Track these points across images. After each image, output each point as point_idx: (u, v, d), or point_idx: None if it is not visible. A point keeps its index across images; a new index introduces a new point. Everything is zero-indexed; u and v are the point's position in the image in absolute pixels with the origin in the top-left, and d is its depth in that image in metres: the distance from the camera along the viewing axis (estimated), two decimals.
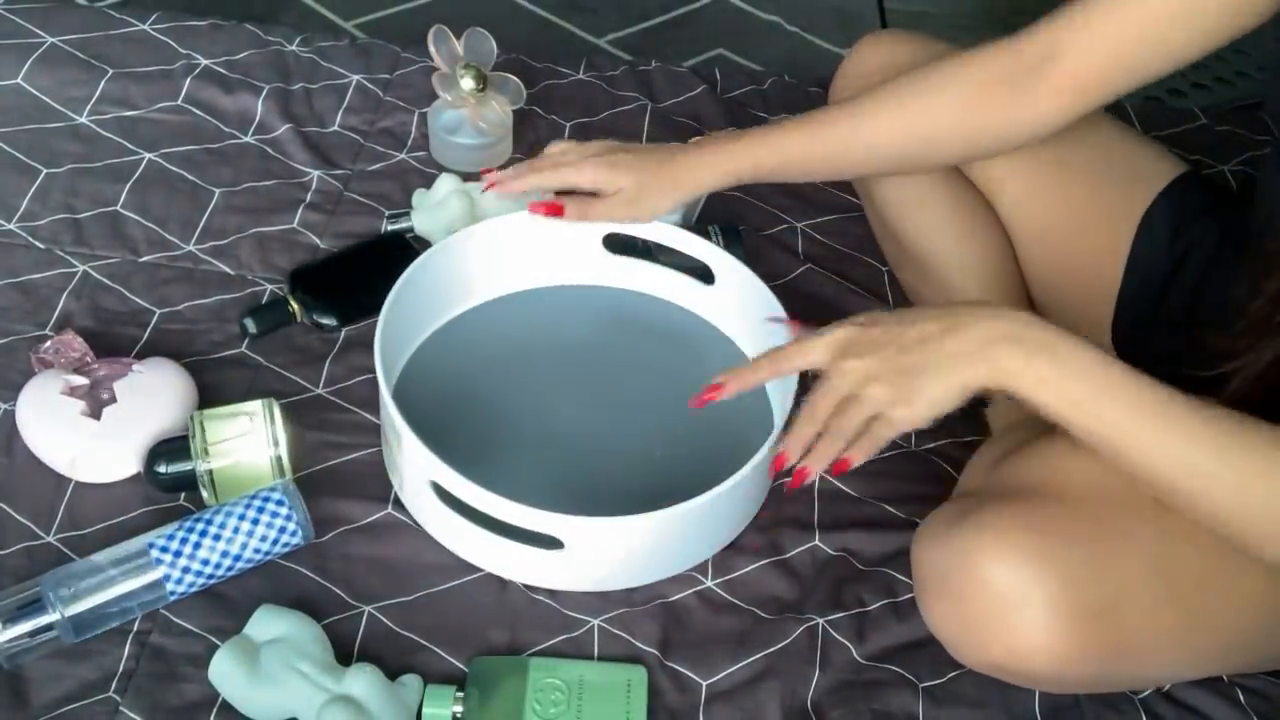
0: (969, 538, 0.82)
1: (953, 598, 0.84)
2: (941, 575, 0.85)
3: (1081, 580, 0.80)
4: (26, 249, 1.22)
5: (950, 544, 0.84)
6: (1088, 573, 0.80)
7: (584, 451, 1.07)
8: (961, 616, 0.84)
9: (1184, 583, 0.83)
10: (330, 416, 1.10)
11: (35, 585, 0.90)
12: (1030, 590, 0.79)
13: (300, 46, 1.48)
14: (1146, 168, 1.09)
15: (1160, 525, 0.83)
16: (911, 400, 0.81)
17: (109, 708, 0.89)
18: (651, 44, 1.78)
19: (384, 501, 1.03)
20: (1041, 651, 0.81)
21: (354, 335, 1.16)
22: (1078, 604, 0.80)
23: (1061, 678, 0.85)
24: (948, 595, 0.85)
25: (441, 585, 0.98)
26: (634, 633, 0.96)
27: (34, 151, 1.31)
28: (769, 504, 1.06)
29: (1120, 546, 0.82)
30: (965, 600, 0.83)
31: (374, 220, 1.28)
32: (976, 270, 1.15)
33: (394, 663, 0.92)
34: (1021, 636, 0.81)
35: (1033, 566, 0.80)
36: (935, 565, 0.86)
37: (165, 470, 1.00)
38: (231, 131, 1.37)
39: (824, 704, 0.93)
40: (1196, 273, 1.05)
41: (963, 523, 0.83)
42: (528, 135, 1.40)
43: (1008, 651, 0.82)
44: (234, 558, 0.94)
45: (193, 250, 1.23)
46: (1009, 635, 0.81)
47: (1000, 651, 0.82)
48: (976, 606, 0.82)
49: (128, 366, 1.06)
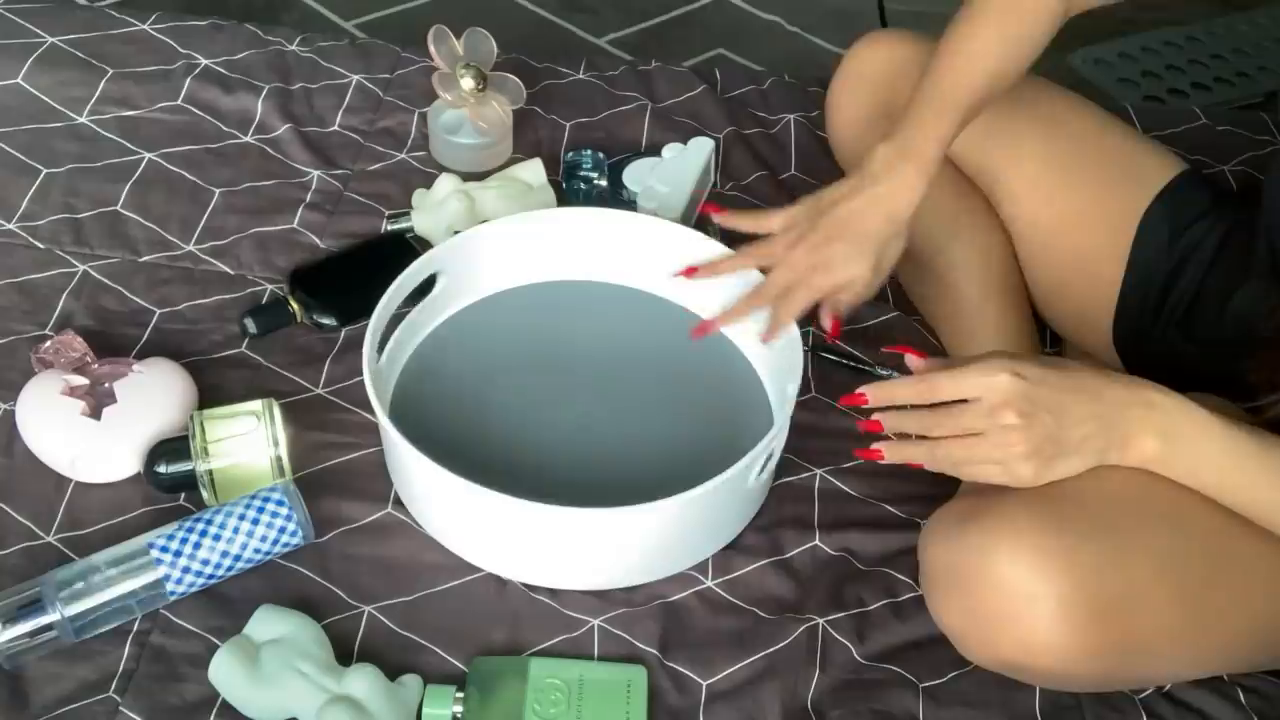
0: (982, 535, 0.82)
1: (963, 594, 0.84)
2: (952, 572, 0.85)
3: (1092, 578, 0.80)
4: (26, 249, 1.22)
5: (962, 541, 0.84)
6: (1098, 571, 0.80)
7: (582, 451, 1.07)
8: (972, 613, 0.84)
9: (1193, 582, 0.83)
10: (330, 416, 1.10)
11: (35, 585, 0.90)
12: (1042, 588, 0.79)
13: (300, 46, 1.48)
14: (1146, 167, 1.09)
15: (1170, 525, 0.84)
16: (1042, 476, 0.84)
17: (109, 708, 0.89)
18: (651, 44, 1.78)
19: (384, 501, 1.03)
20: (1052, 649, 0.81)
21: (354, 335, 1.16)
22: (1088, 602, 0.80)
23: (1070, 675, 0.85)
24: (958, 591, 0.85)
25: (441, 585, 0.98)
26: (634, 633, 0.96)
27: (34, 151, 1.31)
28: (769, 504, 1.06)
29: (1130, 545, 0.82)
30: (976, 597, 0.83)
31: (374, 220, 1.28)
32: (977, 271, 1.15)
33: (394, 663, 0.92)
34: (1032, 633, 0.81)
35: (1045, 564, 0.80)
36: (945, 562, 0.86)
37: (165, 470, 1.00)
38: (231, 131, 1.37)
39: (824, 704, 0.93)
40: (1197, 274, 1.05)
41: (975, 519, 0.84)
42: (528, 135, 1.40)
43: (1018, 648, 0.82)
44: (234, 558, 0.94)
45: (193, 250, 1.23)
46: (1020, 632, 0.81)
47: (1011, 648, 0.82)
48: (988, 603, 0.82)
49: (128, 366, 1.06)
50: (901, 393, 0.87)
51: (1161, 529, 0.84)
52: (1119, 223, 1.08)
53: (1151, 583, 0.82)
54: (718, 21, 1.86)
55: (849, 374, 1.17)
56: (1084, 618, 0.80)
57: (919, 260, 1.18)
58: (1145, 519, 0.84)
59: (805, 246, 1.01)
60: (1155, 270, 1.06)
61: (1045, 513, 0.82)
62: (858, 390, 0.88)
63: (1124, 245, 1.07)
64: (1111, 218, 1.08)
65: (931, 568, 0.89)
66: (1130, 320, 1.08)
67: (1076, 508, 0.83)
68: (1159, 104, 1.84)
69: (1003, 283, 1.15)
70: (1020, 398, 0.82)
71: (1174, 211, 1.06)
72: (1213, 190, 1.09)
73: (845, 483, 1.08)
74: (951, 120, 1.00)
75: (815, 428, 1.12)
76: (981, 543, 0.82)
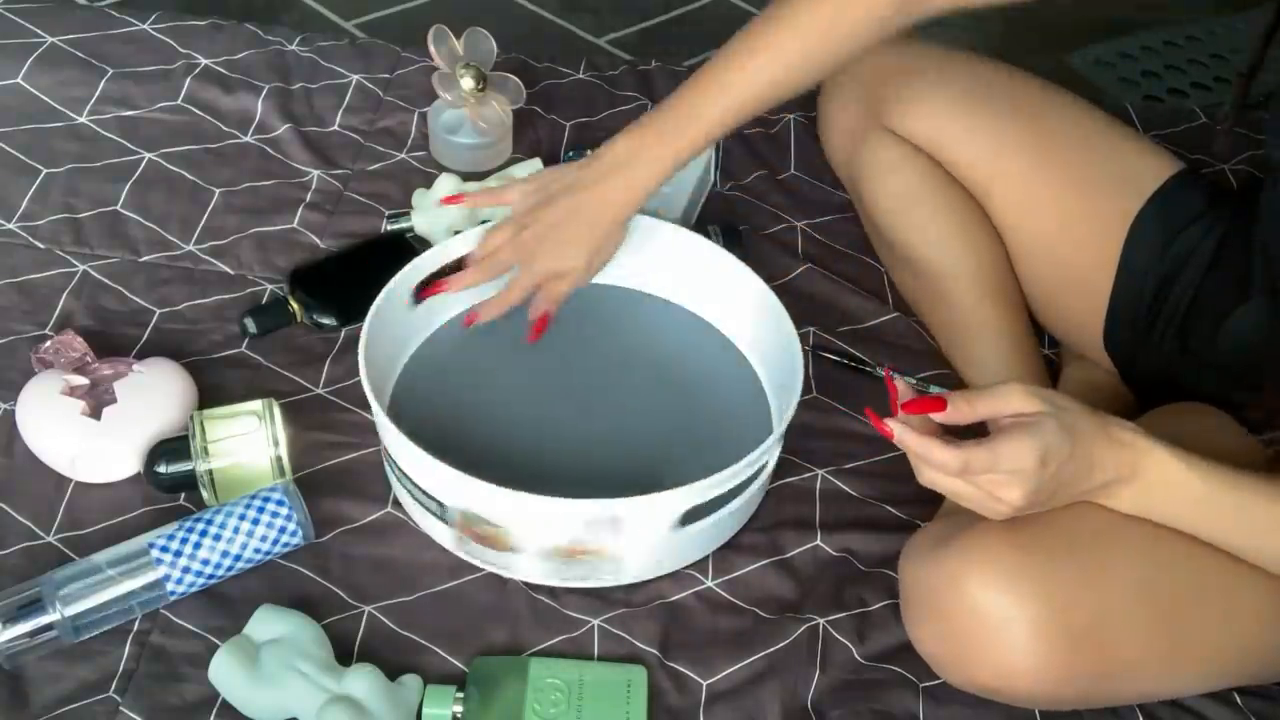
0: (956, 559, 0.83)
1: (938, 618, 0.85)
2: (927, 596, 0.86)
3: (1065, 602, 0.80)
4: (26, 249, 1.22)
5: (936, 565, 0.85)
6: (1072, 594, 0.81)
7: (582, 452, 1.07)
8: (947, 637, 0.85)
9: (1169, 603, 0.83)
10: (330, 416, 1.10)
11: (35, 585, 0.90)
12: (1015, 611, 0.80)
13: (300, 46, 1.48)
14: (1139, 168, 1.07)
15: (1144, 547, 0.84)
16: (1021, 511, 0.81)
17: (109, 708, 0.89)
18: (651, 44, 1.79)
19: (384, 501, 1.03)
20: (1026, 672, 0.81)
21: (354, 335, 1.16)
22: (1062, 625, 0.80)
23: (1047, 697, 0.85)
24: (933, 616, 0.86)
25: (441, 585, 0.98)
26: (634, 633, 0.96)
27: (34, 151, 1.31)
28: (769, 504, 1.06)
29: (1104, 568, 0.82)
30: (951, 621, 0.83)
31: (374, 220, 1.28)
32: (971, 277, 1.14)
33: (394, 663, 0.92)
34: (1006, 657, 0.81)
35: (1018, 588, 0.80)
36: (920, 585, 0.87)
37: (165, 470, 1.00)
38: (231, 131, 1.37)
39: (824, 704, 0.93)
40: (1193, 279, 1.03)
41: (949, 544, 0.84)
42: (528, 135, 1.40)
43: (993, 672, 0.83)
44: (234, 558, 0.94)
45: (193, 250, 1.23)
46: (994, 656, 0.82)
47: (985, 672, 0.83)
48: (962, 627, 0.82)
49: (128, 366, 1.06)
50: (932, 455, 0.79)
51: (1135, 552, 0.83)
52: (1110, 227, 1.06)
53: (1126, 605, 0.82)
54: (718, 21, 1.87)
55: (849, 374, 1.17)
56: (1057, 641, 0.80)
57: (913, 267, 1.17)
58: (1118, 542, 0.83)
59: (535, 229, 1.03)
60: (1147, 275, 1.04)
61: (1018, 536, 0.82)
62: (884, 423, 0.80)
63: (1115, 250, 1.05)
64: (1101, 222, 1.06)
65: (908, 591, 0.89)
66: (1124, 328, 1.07)
67: (1050, 531, 0.82)
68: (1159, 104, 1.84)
69: (999, 288, 1.14)
70: (1034, 484, 0.78)
71: (1167, 214, 1.04)
72: (1210, 191, 1.06)
73: (846, 483, 1.08)
74: (728, 119, 0.99)
75: (816, 428, 1.12)
76: (955, 567, 0.82)
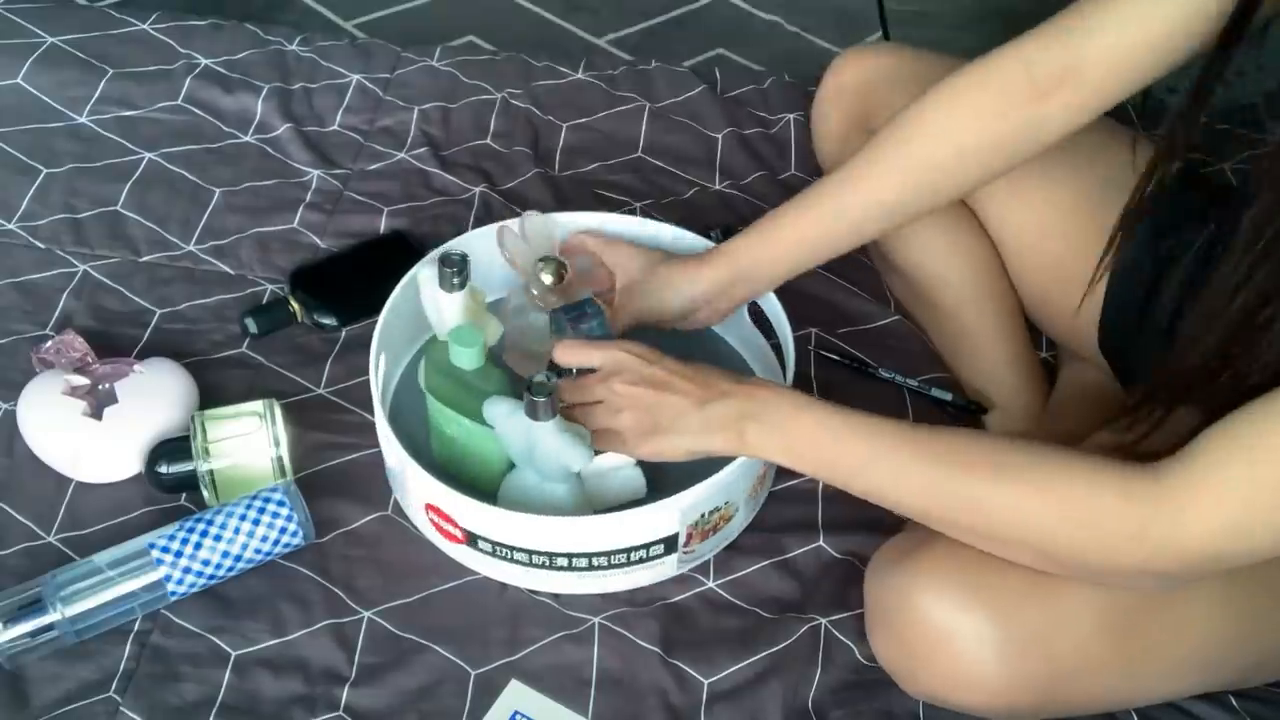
0: (907, 572, 0.85)
1: (893, 629, 0.87)
2: (884, 609, 0.88)
3: (1014, 611, 0.81)
4: (27, 249, 1.22)
5: (891, 579, 0.87)
6: (1019, 603, 0.82)
7: None
8: (902, 648, 0.87)
9: (1118, 611, 0.83)
10: (331, 416, 1.10)
11: (36, 585, 0.90)
12: (963, 621, 0.81)
13: (300, 46, 1.48)
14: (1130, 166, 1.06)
15: None
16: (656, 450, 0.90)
17: (109, 708, 0.89)
18: (651, 44, 1.78)
19: (384, 502, 1.03)
20: (975, 681, 0.83)
21: (354, 335, 1.16)
22: (1011, 634, 0.81)
23: (1001, 708, 0.85)
24: (889, 628, 0.88)
25: (442, 585, 0.98)
26: (635, 631, 0.96)
27: (34, 151, 1.31)
28: (771, 505, 1.06)
29: (1052, 577, 0.82)
30: (905, 632, 0.85)
31: (374, 219, 1.28)
32: (963, 283, 1.13)
33: (395, 663, 0.92)
34: (954, 666, 0.83)
35: (965, 598, 0.82)
36: (878, 599, 0.90)
37: (166, 470, 1.00)
38: (231, 131, 1.37)
39: (826, 704, 0.93)
40: (1184, 279, 1.01)
41: (904, 557, 0.86)
42: (527, 135, 1.40)
43: (945, 682, 0.84)
44: (234, 558, 0.94)
45: (193, 250, 1.23)
46: (945, 666, 0.83)
47: (938, 682, 0.85)
48: (914, 638, 0.84)
49: (129, 366, 1.06)
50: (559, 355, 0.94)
51: None
52: (1100, 227, 1.04)
53: (1075, 614, 0.82)
54: (718, 21, 1.86)
55: (850, 374, 1.17)
56: (1006, 650, 0.81)
57: (905, 276, 1.17)
58: None
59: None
60: (1137, 275, 1.03)
61: (967, 549, 0.83)
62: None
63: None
64: (1092, 221, 1.04)
65: (869, 605, 0.92)
66: (1118, 329, 1.06)
67: None
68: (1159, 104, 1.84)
69: (991, 291, 1.13)
70: (630, 370, 0.90)
71: (1162, 213, 1.01)
72: (1207, 190, 1.05)
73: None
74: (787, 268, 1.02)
75: None
76: (906, 580, 0.85)
